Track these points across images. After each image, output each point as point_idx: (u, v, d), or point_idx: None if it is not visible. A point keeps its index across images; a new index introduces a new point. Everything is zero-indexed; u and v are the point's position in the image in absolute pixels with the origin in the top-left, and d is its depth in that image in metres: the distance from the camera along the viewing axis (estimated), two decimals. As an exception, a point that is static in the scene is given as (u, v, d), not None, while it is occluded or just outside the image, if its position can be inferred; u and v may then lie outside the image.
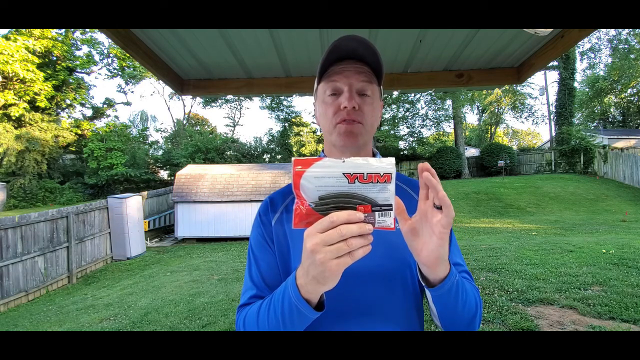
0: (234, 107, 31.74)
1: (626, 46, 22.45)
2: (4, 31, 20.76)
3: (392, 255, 0.79)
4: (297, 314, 0.61)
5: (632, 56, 22.25)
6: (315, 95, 0.89)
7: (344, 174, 0.52)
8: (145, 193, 11.97)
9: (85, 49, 24.26)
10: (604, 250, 5.78)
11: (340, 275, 0.54)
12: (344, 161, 0.52)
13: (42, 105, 20.74)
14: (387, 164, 0.53)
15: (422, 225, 0.60)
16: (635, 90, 27.23)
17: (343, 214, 0.51)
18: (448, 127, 26.83)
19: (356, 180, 0.52)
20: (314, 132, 29.83)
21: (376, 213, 0.53)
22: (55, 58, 22.22)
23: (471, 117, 52.73)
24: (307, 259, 0.54)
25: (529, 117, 38.02)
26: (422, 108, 24.71)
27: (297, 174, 0.52)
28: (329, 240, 0.51)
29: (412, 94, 22.18)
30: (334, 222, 0.50)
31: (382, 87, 0.88)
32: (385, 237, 0.64)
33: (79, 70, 24.15)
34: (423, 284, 0.68)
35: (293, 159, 0.53)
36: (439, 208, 0.57)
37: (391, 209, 0.54)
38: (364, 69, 0.81)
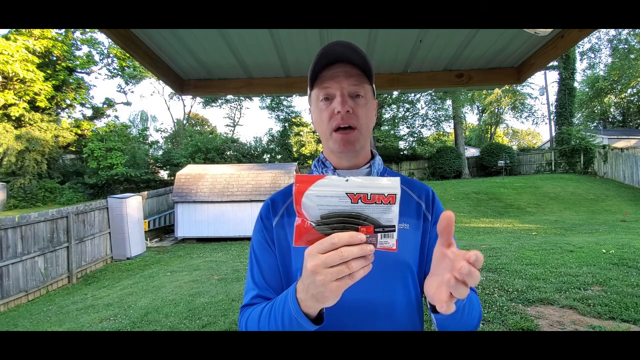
0: (234, 107, 31.77)
1: (626, 46, 22.44)
2: (4, 31, 20.80)
3: (391, 274, 0.79)
4: (296, 326, 0.62)
5: (632, 56, 22.25)
6: (310, 101, 0.90)
7: (347, 193, 0.51)
8: (145, 193, 11.97)
9: (85, 49, 24.31)
10: (604, 250, 5.78)
11: (340, 295, 0.53)
12: (347, 180, 0.51)
13: (42, 105, 20.74)
14: (392, 185, 0.52)
15: (436, 267, 0.58)
16: (635, 90, 27.21)
17: (344, 236, 0.50)
18: (448, 127, 26.87)
19: (359, 200, 0.51)
20: (314, 132, 29.80)
21: (379, 234, 0.52)
22: (55, 58, 22.21)
23: (471, 117, 52.71)
24: (308, 278, 0.54)
25: (529, 117, 37.99)
26: (422, 108, 24.76)
27: (299, 191, 0.51)
28: (329, 262, 0.50)
29: (412, 94, 22.19)
30: (335, 244, 0.50)
31: (374, 85, 0.88)
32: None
33: (79, 70, 24.15)
34: (429, 308, 0.66)
35: (295, 175, 0.52)
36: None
37: (394, 230, 0.52)
38: (354, 71, 0.82)
